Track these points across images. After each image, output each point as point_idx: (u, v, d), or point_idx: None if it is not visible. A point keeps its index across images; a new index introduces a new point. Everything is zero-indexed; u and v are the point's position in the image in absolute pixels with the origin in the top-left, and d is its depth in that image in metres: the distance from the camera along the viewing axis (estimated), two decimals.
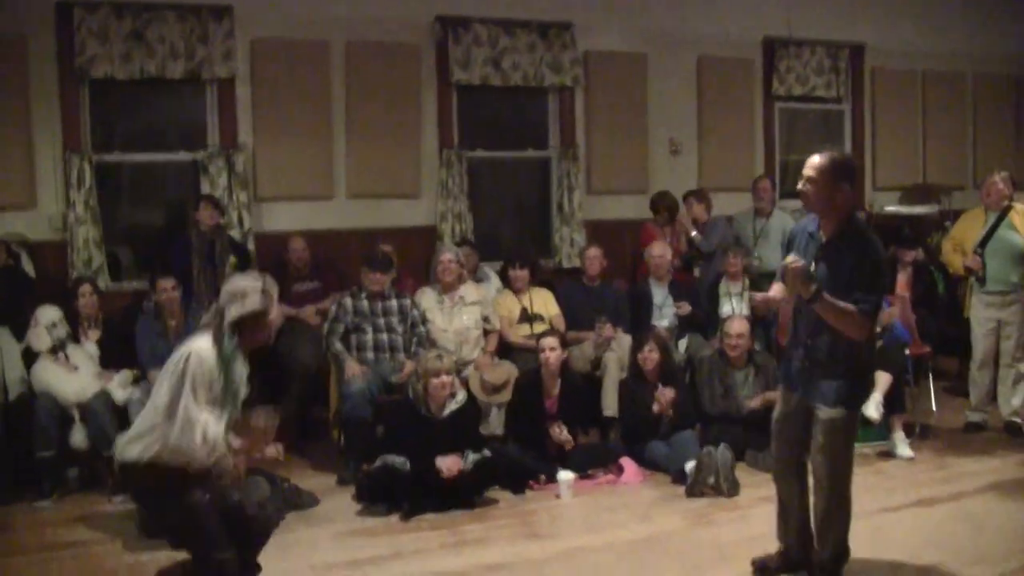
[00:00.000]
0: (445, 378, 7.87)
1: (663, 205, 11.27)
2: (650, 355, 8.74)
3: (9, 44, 9.47)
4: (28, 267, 9.19)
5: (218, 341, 5.27)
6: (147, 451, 5.20)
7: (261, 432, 5.60)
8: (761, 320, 9.98)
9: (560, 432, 8.34)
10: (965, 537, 6.93)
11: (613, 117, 12.03)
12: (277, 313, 5.52)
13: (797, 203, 12.84)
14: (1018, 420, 9.50)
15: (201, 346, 5.25)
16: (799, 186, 5.81)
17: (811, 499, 6.07)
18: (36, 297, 8.71)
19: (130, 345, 8.60)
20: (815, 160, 5.76)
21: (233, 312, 5.31)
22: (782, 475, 6.24)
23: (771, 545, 6.75)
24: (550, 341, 8.59)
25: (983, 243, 9.36)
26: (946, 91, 14.25)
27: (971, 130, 14.46)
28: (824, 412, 5.80)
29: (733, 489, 7.94)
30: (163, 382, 5.25)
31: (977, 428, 9.60)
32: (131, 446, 5.28)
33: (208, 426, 5.15)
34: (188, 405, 5.11)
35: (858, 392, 5.97)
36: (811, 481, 6.01)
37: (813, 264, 5.74)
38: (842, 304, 5.57)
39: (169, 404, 5.14)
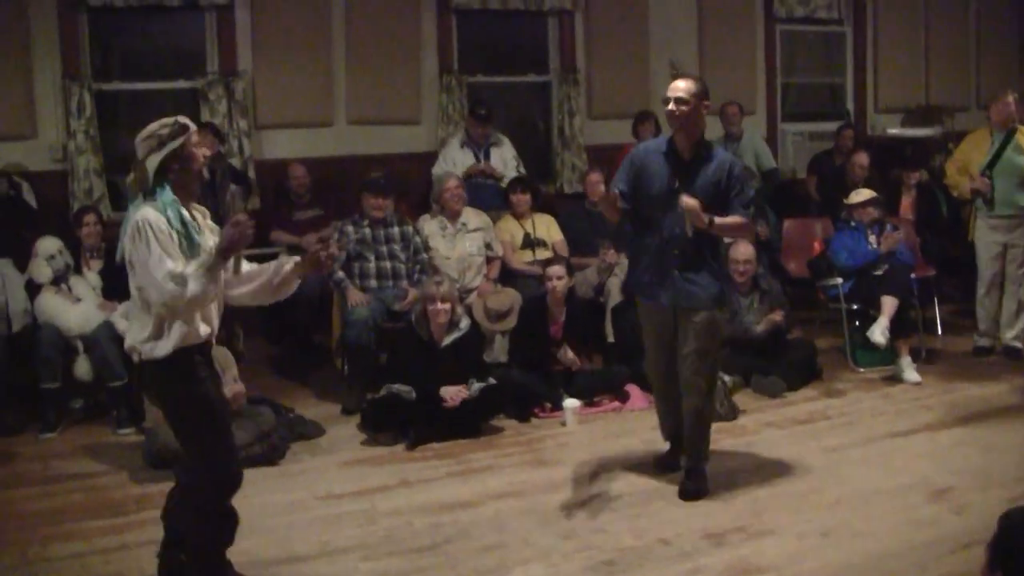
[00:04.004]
0: (442, 305, 7.82)
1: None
2: None
3: None
4: (29, 198, 9.15)
5: (149, 195, 4.77)
6: (162, 344, 4.80)
7: (315, 246, 5.21)
8: (764, 244, 9.97)
9: (566, 353, 8.35)
10: (975, 461, 6.91)
11: (613, 40, 11.93)
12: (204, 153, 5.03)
13: (801, 126, 12.98)
14: (1017, 344, 9.45)
15: (141, 213, 4.69)
16: (669, 107, 6.25)
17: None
18: (38, 228, 8.66)
19: None
20: (683, 84, 6.26)
21: (152, 160, 4.80)
22: (661, 378, 6.77)
23: (778, 470, 6.81)
24: (557, 270, 8.51)
25: (990, 165, 9.24)
26: (949, 10, 14.12)
27: (974, 50, 14.33)
28: (700, 315, 6.37)
29: (731, 413, 7.97)
30: (132, 273, 4.79)
31: (986, 352, 9.54)
32: (149, 344, 4.82)
33: (186, 266, 4.64)
34: (162, 262, 4.60)
35: (726, 292, 6.66)
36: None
37: (677, 181, 6.30)
38: (731, 220, 6.27)
39: (145, 279, 4.66)
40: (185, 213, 4.82)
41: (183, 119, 4.92)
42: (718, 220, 6.17)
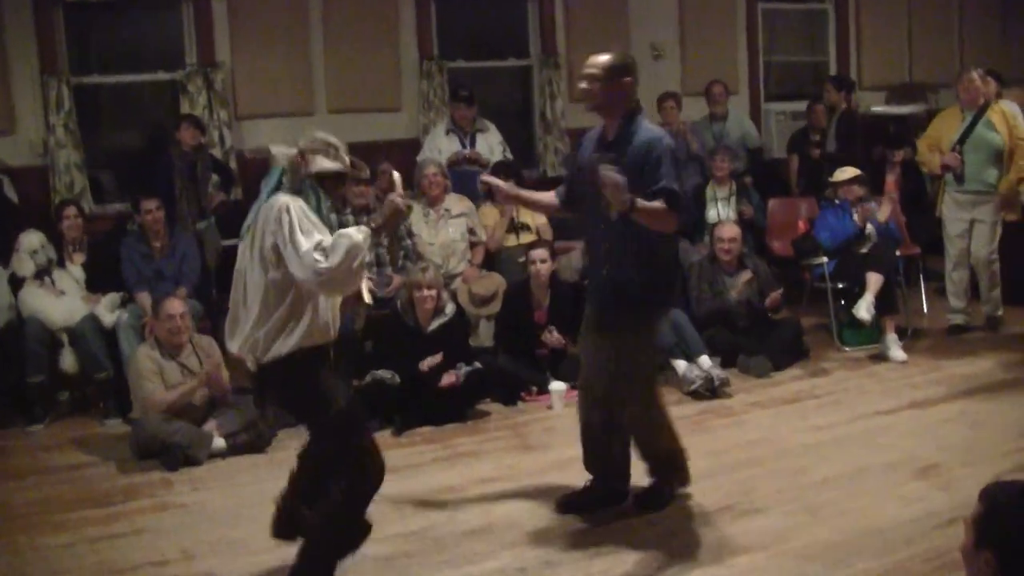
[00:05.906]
0: (428, 291, 7.81)
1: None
2: None
3: None
4: (10, 193, 9.11)
5: (298, 191, 4.67)
6: (289, 340, 4.62)
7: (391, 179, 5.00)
8: (749, 224, 9.98)
9: (551, 334, 8.31)
10: (962, 438, 6.94)
11: (594, 23, 11.86)
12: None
13: (784, 105, 12.94)
14: (996, 313, 9.57)
15: (282, 200, 4.59)
16: (581, 85, 5.68)
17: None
18: (20, 223, 8.68)
19: (115, 268, 8.52)
20: (598, 58, 5.61)
21: (320, 163, 4.74)
22: (584, 397, 5.97)
23: (765, 450, 6.82)
24: (540, 253, 8.48)
25: (961, 141, 9.24)
26: None
27: (957, 27, 14.31)
28: (621, 330, 5.62)
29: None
30: (264, 263, 4.61)
31: (960, 330, 9.54)
32: (275, 344, 4.63)
33: (334, 238, 4.50)
34: (309, 235, 4.49)
35: (661, 303, 5.86)
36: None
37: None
38: (652, 206, 5.29)
39: (292, 255, 4.47)
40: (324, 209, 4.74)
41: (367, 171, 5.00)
42: (640, 203, 5.21)
